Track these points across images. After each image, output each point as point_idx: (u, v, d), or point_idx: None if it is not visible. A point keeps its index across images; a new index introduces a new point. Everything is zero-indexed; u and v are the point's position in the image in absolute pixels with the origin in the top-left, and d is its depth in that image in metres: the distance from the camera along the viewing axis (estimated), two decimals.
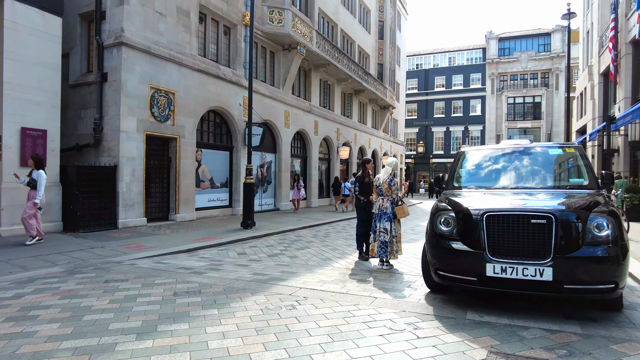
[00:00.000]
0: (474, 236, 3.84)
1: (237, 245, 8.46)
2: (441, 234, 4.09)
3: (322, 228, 11.77)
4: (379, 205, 6.18)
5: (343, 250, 7.86)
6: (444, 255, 4.03)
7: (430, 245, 4.23)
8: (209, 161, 13.24)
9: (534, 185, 4.61)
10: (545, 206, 3.73)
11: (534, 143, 5.21)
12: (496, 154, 5.21)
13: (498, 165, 5.02)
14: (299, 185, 16.00)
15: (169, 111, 11.31)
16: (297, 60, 16.74)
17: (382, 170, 6.30)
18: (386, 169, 6.22)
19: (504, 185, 4.74)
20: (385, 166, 6.26)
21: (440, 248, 4.06)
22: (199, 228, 10.54)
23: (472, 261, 3.78)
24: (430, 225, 4.28)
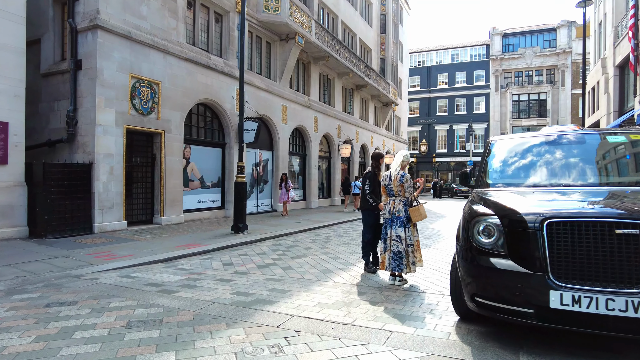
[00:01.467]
0: (529, 251, 2.78)
1: (224, 253, 7.40)
2: (481, 248, 3.03)
3: (321, 231, 10.71)
4: (390, 208, 5.12)
5: (346, 259, 6.79)
6: (485, 276, 2.97)
7: (464, 261, 3.16)
8: (198, 159, 12.18)
9: (600, 181, 3.53)
10: (637, 210, 2.66)
11: (585, 129, 4.14)
12: (539, 142, 4.14)
13: (546, 157, 3.94)
14: (288, 186, 14.07)
15: (153, 103, 10.26)
16: (295, 52, 15.68)
17: (392, 165, 5.23)
18: (396, 164, 5.16)
19: (558, 182, 3.66)
20: (395, 160, 5.20)
21: (479, 267, 3.00)
22: (185, 232, 9.49)
23: (528, 286, 2.72)
24: (465, 234, 3.21)
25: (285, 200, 14.10)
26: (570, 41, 42.09)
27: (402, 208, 5.02)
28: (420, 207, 5.01)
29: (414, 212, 4.97)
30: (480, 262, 3.00)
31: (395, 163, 5.16)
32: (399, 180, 5.04)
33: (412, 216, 4.99)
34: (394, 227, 5.03)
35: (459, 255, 3.32)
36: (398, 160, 5.16)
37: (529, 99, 43.83)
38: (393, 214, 5.07)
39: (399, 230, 4.98)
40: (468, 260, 3.12)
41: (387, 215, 5.13)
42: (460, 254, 3.26)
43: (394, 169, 5.14)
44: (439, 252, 7.31)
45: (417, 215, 4.97)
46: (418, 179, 5.13)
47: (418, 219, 4.99)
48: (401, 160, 5.15)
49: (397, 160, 5.16)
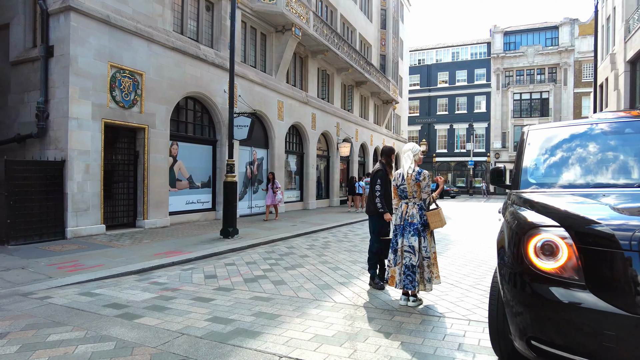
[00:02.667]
0: (617, 281, 1.92)
1: (209, 262, 6.52)
2: (540, 273, 2.16)
3: (319, 236, 9.84)
4: (402, 212, 4.26)
5: (347, 270, 5.92)
6: (548, 314, 2.10)
7: (514, 289, 2.30)
8: (187, 157, 11.30)
9: None
10: None
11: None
12: (592, 130, 3.29)
13: (607, 149, 3.08)
14: (275, 187, 12.34)
15: (136, 95, 9.37)
16: (292, 44, 14.81)
17: (403, 161, 4.38)
18: (408, 159, 4.30)
19: (629, 181, 2.80)
20: (405, 155, 4.35)
21: (537, 300, 2.14)
22: (169, 237, 8.61)
23: (621, 334, 1.86)
24: (514, 252, 2.35)
25: (273, 203, 12.39)
26: (573, 39, 41.40)
27: (417, 212, 4.17)
28: (439, 211, 4.16)
29: (433, 217, 4.12)
30: (540, 294, 2.13)
31: (407, 159, 4.31)
32: (414, 179, 4.19)
33: (429, 222, 4.13)
34: (406, 236, 4.16)
35: (504, 280, 2.46)
36: (409, 155, 4.31)
37: (530, 98, 43.10)
38: (405, 219, 4.21)
39: (412, 240, 4.12)
40: (520, 289, 2.25)
41: (399, 221, 4.27)
42: (508, 279, 2.40)
43: (407, 165, 4.28)
44: (453, 261, 6.46)
45: (436, 221, 4.12)
46: (437, 177, 4.26)
47: (437, 226, 4.14)
48: (413, 155, 4.29)
49: (408, 156, 4.31)
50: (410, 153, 4.30)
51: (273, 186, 12.30)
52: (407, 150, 4.34)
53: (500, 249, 2.62)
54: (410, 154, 4.30)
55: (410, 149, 4.33)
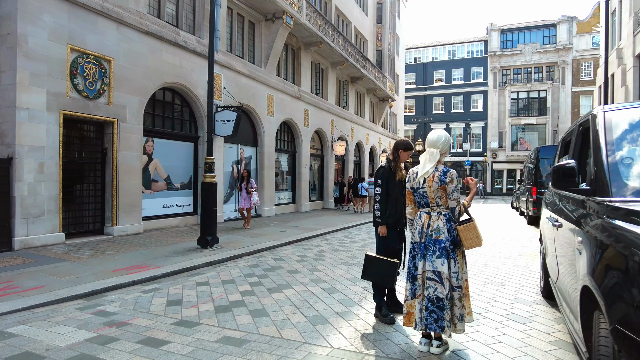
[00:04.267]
0: None
1: (178, 281, 5.39)
2: None
3: (313, 243, 8.73)
4: (422, 225, 3.17)
5: (345, 291, 4.82)
6: None
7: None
8: (164, 155, 10.13)
9: None
10: None
11: None
12: None
13: None
14: (250, 188, 10.25)
15: (102, 85, 8.19)
16: (283, 34, 13.68)
17: (422, 158, 3.28)
18: (430, 155, 3.21)
19: None
20: (427, 150, 3.26)
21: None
22: (139, 247, 7.45)
23: None
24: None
25: (247, 206, 10.33)
26: (571, 37, 40.75)
27: (444, 226, 3.08)
28: (474, 224, 3.07)
29: (466, 232, 3.03)
30: None
31: (429, 153, 3.21)
32: (438, 180, 3.10)
33: (462, 239, 3.05)
34: (429, 258, 3.07)
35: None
36: (434, 151, 3.21)
37: (528, 96, 42.39)
38: (428, 235, 3.11)
39: (438, 263, 3.03)
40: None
41: (417, 237, 3.18)
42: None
43: (428, 162, 3.18)
44: (472, 279, 5.38)
45: (472, 238, 3.03)
46: (468, 177, 3.13)
47: (473, 244, 3.05)
48: (440, 149, 3.20)
49: (432, 151, 3.21)
50: (435, 151, 3.19)
51: (247, 186, 10.21)
52: (432, 140, 3.23)
53: (603, 284, 1.54)
54: (436, 151, 3.18)
55: (435, 140, 3.22)
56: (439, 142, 3.20)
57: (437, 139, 3.22)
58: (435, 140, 3.22)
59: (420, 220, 3.21)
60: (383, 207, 3.69)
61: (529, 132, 41.58)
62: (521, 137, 42.07)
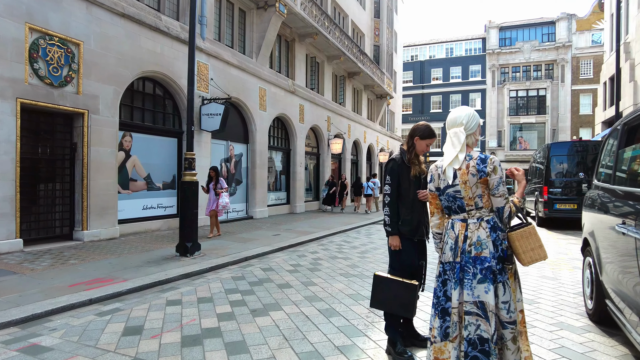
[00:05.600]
0: None
1: (146, 298, 4.48)
2: None
3: (307, 249, 7.84)
4: (455, 238, 2.29)
5: (347, 313, 3.93)
6: None
7: None
8: (144, 151, 9.19)
9: None
10: None
11: None
12: None
13: None
14: (219, 188, 8.38)
15: (70, 71, 7.25)
16: (276, 23, 12.77)
17: (445, 147, 2.39)
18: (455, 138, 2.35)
19: None
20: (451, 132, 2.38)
21: None
22: (109, 254, 6.51)
23: None
24: None
25: (214, 209, 8.44)
26: (570, 35, 40.16)
27: (488, 237, 2.21)
28: (532, 228, 2.20)
29: (524, 240, 2.19)
30: None
31: (454, 139, 2.34)
32: (475, 171, 2.23)
33: (519, 251, 2.21)
34: (468, 284, 2.19)
35: None
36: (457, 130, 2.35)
37: (527, 95, 41.72)
38: (465, 252, 2.23)
39: (481, 290, 2.16)
40: None
41: (450, 256, 2.29)
42: None
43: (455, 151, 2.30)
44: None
45: (533, 249, 2.20)
46: (511, 168, 2.20)
47: (534, 258, 2.20)
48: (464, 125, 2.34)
49: (456, 135, 2.34)
50: (461, 128, 2.33)
51: (216, 186, 8.42)
52: (452, 119, 2.37)
53: None
54: (462, 130, 2.33)
55: (455, 118, 2.36)
56: (461, 118, 2.35)
57: (458, 115, 2.37)
58: (456, 118, 2.37)
59: (454, 232, 2.33)
60: (394, 211, 2.81)
61: (528, 131, 40.95)
62: (520, 136, 41.43)
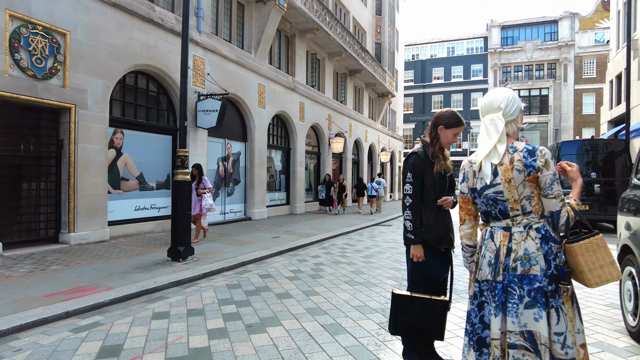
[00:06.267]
0: None
1: (130, 310, 4.02)
2: None
3: (308, 253, 7.38)
4: (496, 251, 1.83)
5: (354, 329, 3.48)
6: None
7: None
8: (136, 149, 8.73)
9: None
10: None
11: None
12: None
13: None
14: (201, 188, 7.60)
15: (55, 63, 6.79)
16: (275, 17, 12.32)
17: (483, 134, 1.95)
18: (492, 126, 1.90)
19: None
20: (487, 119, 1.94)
21: None
22: (95, 259, 6.06)
23: None
24: None
25: (198, 212, 7.63)
26: (573, 34, 39.75)
27: (539, 249, 1.77)
28: (600, 239, 1.75)
29: (590, 254, 1.74)
30: None
31: (491, 127, 1.90)
32: (522, 166, 1.80)
33: (583, 268, 1.75)
34: (513, 310, 1.75)
35: None
36: (493, 116, 1.92)
37: (529, 94, 41.30)
38: (509, 268, 1.79)
39: (529, 317, 1.72)
40: None
41: (489, 273, 1.85)
42: None
43: (493, 140, 1.86)
44: None
45: (604, 265, 1.74)
46: (561, 163, 1.72)
47: (605, 277, 1.75)
48: (503, 109, 1.91)
49: (493, 122, 1.90)
50: (499, 114, 1.90)
51: (198, 186, 7.63)
52: (488, 103, 1.94)
53: None
54: (501, 116, 1.89)
55: (491, 102, 1.93)
56: (499, 101, 1.92)
57: (494, 98, 1.94)
58: (491, 102, 1.94)
59: (494, 243, 1.88)
60: (417, 215, 2.35)
61: (530, 131, 40.51)
62: (522, 136, 40.94)
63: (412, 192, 2.33)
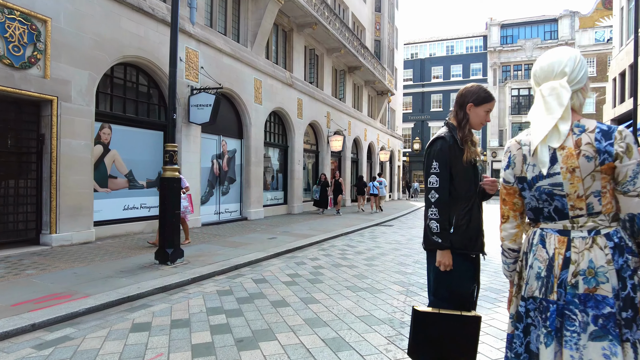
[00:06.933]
0: None
1: (107, 320, 3.58)
2: None
3: (307, 255, 6.94)
4: (548, 261, 1.40)
5: (360, 345, 3.04)
6: None
7: None
8: (125, 145, 8.27)
9: None
10: None
11: None
12: None
13: None
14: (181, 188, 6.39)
15: (35, 51, 6.33)
16: (272, 10, 11.88)
17: (539, 108, 1.52)
18: (552, 96, 1.46)
19: None
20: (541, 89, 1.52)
21: None
22: (76, 262, 5.60)
23: None
24: None
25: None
26: (573, 32, 39.50)
27: (610, 262, 1.33)
28: None
29: None
30: None
31: (551, 94, 1.47)
32: (593, 151, 1.38)
33: None
34: (572, 341, 1.31)
35: None
36: (555, 84, 1.48)
37: (529, 93, 40.91)
38: (568, 285, 1.35)
39: (595, 351, 1.28)
40: None
41: (537, 289, 1.41)
42: None
43: (554, 116, 1.43)
44: None
45: None
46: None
47: None
48: (568, 75, 1.46)
49: (554, 86, 1.47)
50: (564, 80, 1.48)
51: None
52: (551, 67, 1.51)
53: None
54: (565, 83, 1.47)
55: (552, 64, 1.50)
56: (563, 63, 1.50)
57: (557, 59, 1.52)
58: (553, 64, 1.53)
59: (545, 251, 1.45)
60: (445, 214, 1.89)
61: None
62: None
63: (439, 185, 1.88)
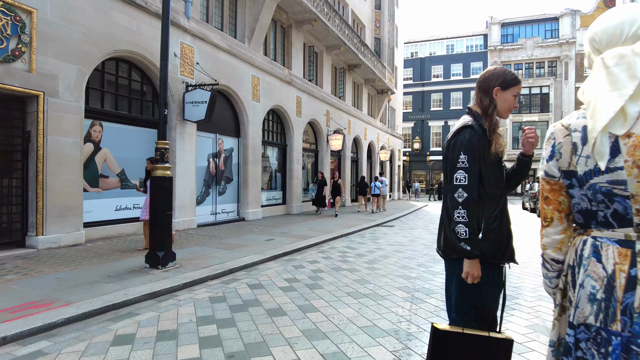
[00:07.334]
0: None
1: (87, 332, 3.28)
2: None
3: (305, 257, 6.64)
4: (607, 279, 1.09)
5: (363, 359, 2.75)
6: None
7: None
8: (117, 143, 7.97)
9: None
10: None
11: None
12: None
13: None
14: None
15: (19, 44, 6.02)
16: (270, 5, 11.57)
17: (602, 82, 1.19)
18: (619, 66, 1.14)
19: None
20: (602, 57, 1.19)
21: None
22: (62, 266, 5.29)
23: None
24: None
25: (142, 217, 6.48)
26: (574, 31, 39.22)
27: None
28: None
29: None
30: None
31: (619, 63, 1.15)
32: None
33: None
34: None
35: None
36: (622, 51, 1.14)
37: (530, 92, 40.72)
38: (635, 310, 1.04)
39: None
40: None
41: (593, 314, 1.10)
42: None
43: (623, 92, 1.11)
44: None
45: None
46: None
47: None
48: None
49: (622, 53, 1.14)
50: (637, 46, 1.16)
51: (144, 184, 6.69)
52: (619, 29, 1.19)
53: None
54: (628, 45, 1.16)
55: (634, 26, 1.17)
56: (636, 24, 1.18)
57: (628, 18, 1.20)
58: (620, 25, 1.21)
59: (601, 266, 1.15)
60: (475, 216, 1.59)
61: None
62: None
63: (468, 182, 1.57)
